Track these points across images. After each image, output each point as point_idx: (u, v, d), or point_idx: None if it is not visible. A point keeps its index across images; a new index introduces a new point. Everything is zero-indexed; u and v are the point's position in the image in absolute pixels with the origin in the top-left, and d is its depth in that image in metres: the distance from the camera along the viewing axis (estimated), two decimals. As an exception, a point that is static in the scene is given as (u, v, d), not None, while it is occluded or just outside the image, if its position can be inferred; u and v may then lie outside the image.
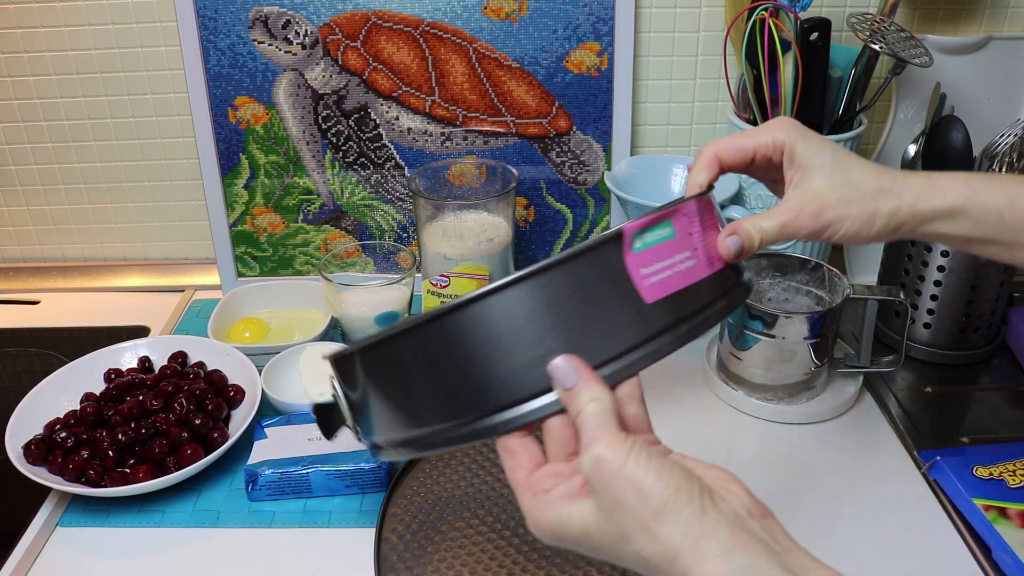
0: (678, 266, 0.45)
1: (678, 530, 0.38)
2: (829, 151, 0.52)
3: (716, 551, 0.37)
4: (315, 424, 0.75)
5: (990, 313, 0.87)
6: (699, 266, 0.46)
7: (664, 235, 0.45)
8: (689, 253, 0.46)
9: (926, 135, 0.87)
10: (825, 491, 0.72)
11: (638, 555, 0.39)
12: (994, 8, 0.97)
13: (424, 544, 0.66)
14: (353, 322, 0.88)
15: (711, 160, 0.54)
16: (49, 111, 1.00)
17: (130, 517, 0.70)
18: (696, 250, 0.46)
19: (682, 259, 0.45)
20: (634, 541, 0.39)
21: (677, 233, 0.46)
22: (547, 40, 0.93)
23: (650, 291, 0.44)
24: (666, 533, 0.38)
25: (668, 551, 0.38)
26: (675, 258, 0.45)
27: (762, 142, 0.53)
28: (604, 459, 0.39)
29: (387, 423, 0.46)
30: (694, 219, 0.47)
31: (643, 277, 0.43)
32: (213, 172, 0.98)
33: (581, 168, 0.99)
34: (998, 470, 0.71)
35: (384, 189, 1.00)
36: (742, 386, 0.82)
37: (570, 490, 0.41)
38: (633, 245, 0.43)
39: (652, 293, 0.44)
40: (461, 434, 0.43)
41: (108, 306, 1.02)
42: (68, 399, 0.79)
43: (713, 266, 0.47)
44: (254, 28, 0.93)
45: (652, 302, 0.43)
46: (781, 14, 0.86)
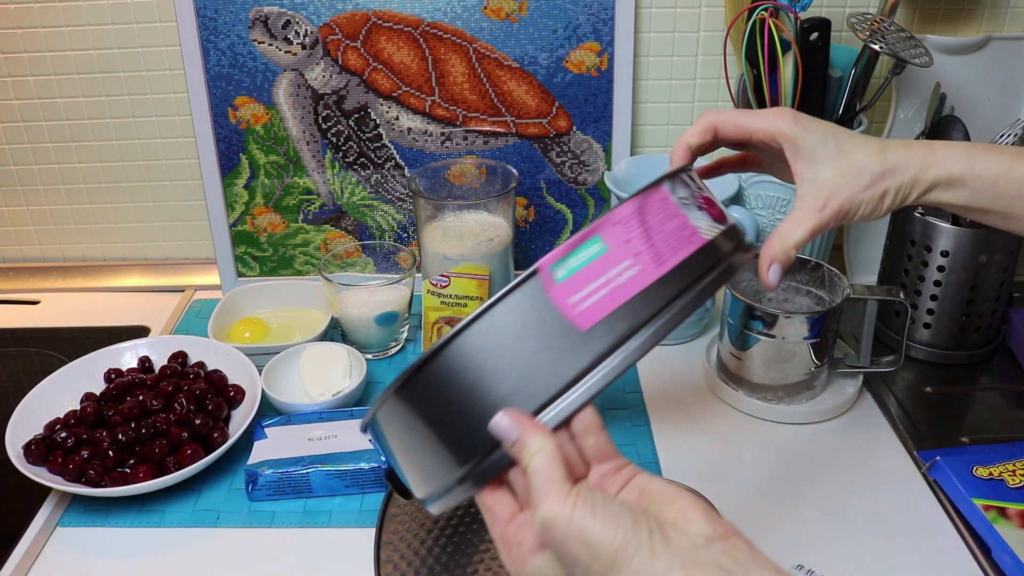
0: (617, 279, 0.43)
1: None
2: (831, 139, 0.53)
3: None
4: (315, 424, 0.75)
5: (990, 313, 0.87)
6: (646, 270, 0.43)
7: (593, 253, 0.43)
8: (631, 261, 0.43)
9: (926, 135, 0.87)
10: (825, 491, 0.72)
11: None
12: (994, 8, 0.97)
13: (424, 544, 0.66)
14: (353, 322, 0.88)
15: (707, 127, 0.55)
16: (49, 111, 1.00)
17: (130, 517, 0.70)
18: (639, 254, 0.44)
19: (621, 270, 0.43)
20: None
21: (610, 246, 0.43)
22: (547, 40, 0.93)
23: (584, 317, 0.42)
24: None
25: None
26: (611, 272, 0.43)
27: (761, 127, 0.54)
28: (549, 520, 0.39)
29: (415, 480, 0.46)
30: (631, 223, 0.44)
31: (573, 306, 0.42)
32: (213, 172, 0.98)
33: (581, 168, 0.99)
34: (998, 470, 0.71)
35: (384, 189, 1.00)
36: (742, 386, 0.82)
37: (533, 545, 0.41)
38: (555, 276, 0.42)
39: (587, 319, 0.42)
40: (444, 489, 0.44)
41: (108, 306, 1.02)
42: (68, 399, 0.79)
43: (667, 262, 0.44)
44: (254, 28, 0.93)
45: (588, 328, 0.42)
46: (781, 14, 0.86)
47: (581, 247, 0.43)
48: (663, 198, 0.46)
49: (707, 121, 0.55)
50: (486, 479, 0.43)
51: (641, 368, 0.87)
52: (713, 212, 0.49)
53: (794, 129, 0.53)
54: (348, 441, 0.73)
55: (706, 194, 0.50)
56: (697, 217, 0.47)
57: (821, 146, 0.53)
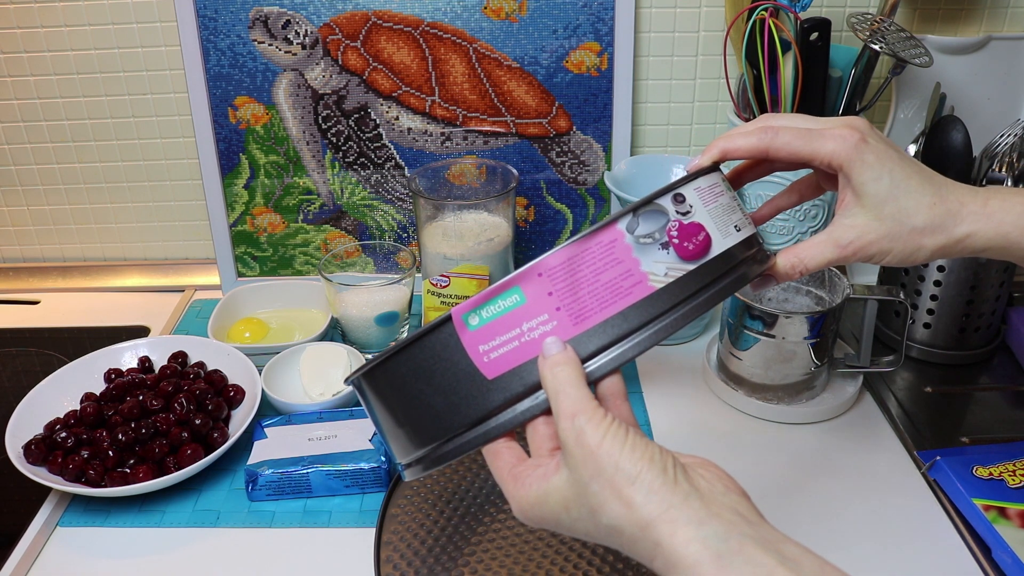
0: (530, 334, 0.43)
1: (652, 498, 0.39)
2: (886, 178, 0.49)
3: (688, 519, 0.38)
4: (315, 424, 0.75)
5: (990, 313, 0.87)
6: (562, 327, 0.43)
7: (509, 305, 0.43)
8: (547, 316, 0.43)
9: (926, 135, 0.87)
10: (825, 491, 0.72)
11: (611, 526, 0.40)
12: (994, 8, 0.97)
13: (424, 544, 0.66)
14: (353, 322, 0.88)
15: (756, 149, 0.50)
16: (49, 111, 1.00)
17: (130, 517, 0.70)
18: (559, 309, 0.43)
19: (535, 325, 0.43)
20: (608, 511, 0.40)
21: (528, 298, 0.43)
22: (547, 40, 0.93)
23: (491, 367, 0.44)
24: (640, 501, 0.39)
25: (641, 519, 0.39)
26: (525, 326, 0.43)
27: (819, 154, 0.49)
28: (585, 431, 0.41)
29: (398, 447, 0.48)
30: (557, 274, 0.43)
31: (483, 354, 0.44)
32: (213, 172, 0.98)
33: (581, 168, 0.99)
34: (998, 470, 0.70)
35: (384, 189, 1.00)
36: (742, 386, 0.82)
37: (547, 470, 0.43)
38: (468, 324, 0.44)
39: (494, 369, 0.44)
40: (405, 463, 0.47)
41: (108, 306, 1.02)
42: (68, 399, 0.79)
43: (588, 320, 0.43)
44: (254, 28, 0.93)
45: (493, 378, 0.44)
46: (781, 14, 0.86)
47: (498, 297, 0.44)
48: (611, 241, 0.44)
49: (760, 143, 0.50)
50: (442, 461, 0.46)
51: (641, 367, 0.87)
52: (690, 246, 0.45)
53: (854, 160, 0.49)
54: (348, 441, 0.73)
55: (695, 220, 0.46)
56: (654, 259, 0.44)
57: (874, 184, 0.49)
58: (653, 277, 0.44)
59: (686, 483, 0.40)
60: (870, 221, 0.49)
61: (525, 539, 0.65)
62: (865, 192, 0.49)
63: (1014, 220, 0.49)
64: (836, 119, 0.51)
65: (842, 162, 0.49)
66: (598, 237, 0.44)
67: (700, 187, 0.47)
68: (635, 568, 0.62)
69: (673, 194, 0.46)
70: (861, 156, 0.49)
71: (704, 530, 0.38)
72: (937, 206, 0.49)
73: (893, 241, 0.49)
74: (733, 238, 0.47)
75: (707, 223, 0.46)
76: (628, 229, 0.44)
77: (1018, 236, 0.49)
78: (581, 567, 0.63)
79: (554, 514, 0.42)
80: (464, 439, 0.45)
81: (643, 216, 0.45)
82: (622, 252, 0.44)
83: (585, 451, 0.40)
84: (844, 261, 0.51)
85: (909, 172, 0.49)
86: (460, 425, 0.45)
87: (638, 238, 0.44)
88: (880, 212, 0.49)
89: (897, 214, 0.49)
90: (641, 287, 0.44)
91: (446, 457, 0.46)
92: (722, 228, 0.47)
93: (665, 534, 0.38)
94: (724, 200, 0.48)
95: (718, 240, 0.46)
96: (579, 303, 0.43)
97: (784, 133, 0.50)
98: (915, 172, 0.50)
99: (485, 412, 0.44)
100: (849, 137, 0.49)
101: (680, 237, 0.45)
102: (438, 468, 0.46)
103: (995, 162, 0.84)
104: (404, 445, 0.47)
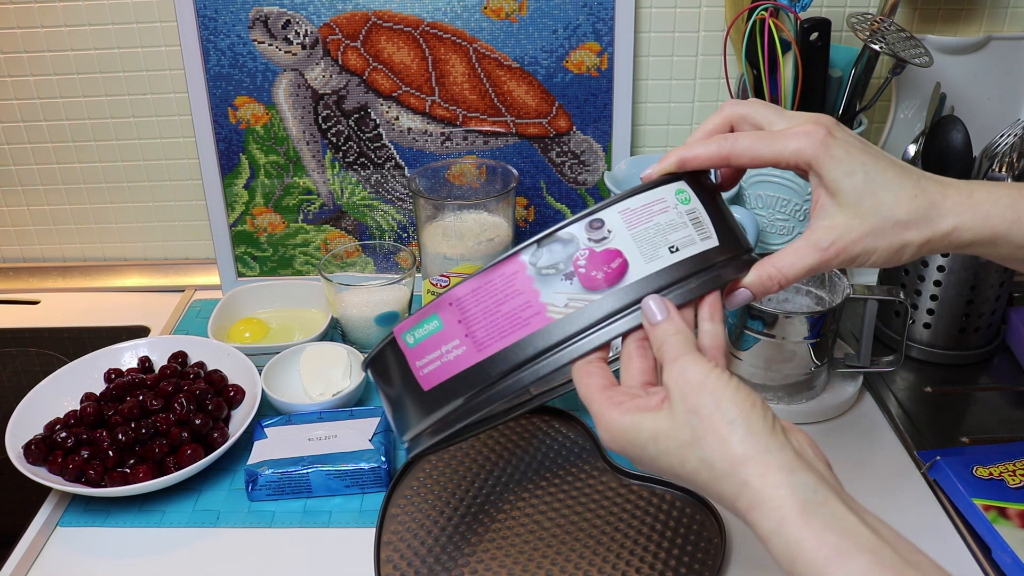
0: (447, 355, 0.47)
1: (749, 440, 0.40)
2: (860, 172, 0.46)
3: (781, 465, 0.39)
4: (315, 424, 0.75)
5: (990, 313, 0.87)
6: (469, 353, 0.46)
7: (432, 328, 0.48)
8: (458, 341, 0.46)
9: (926, 135, 0.87)
10: (825, 491, 0.72)
11: (703, 460, 0.41)
12: (994, 8, 0.97)
13: (424, 544, 0.66)
14: (353, 322, 0.88)
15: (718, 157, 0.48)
16: (49, 111, 1.00)
17: (130, 517, 0.70)
18: (466, 336, 0.46)
19: (451, 348, 0.47)
20: (703, 446, 0.41)
21: (444, 324, 0.47)
22: (547, 40, 0.93)
23: (426, 380, 0.48)
24: (736, 439, 0.40)
25: (735, 456, 0.40)
26: (444, 348, 0.47)
27: (783, 155, 0.47)
28: (688, 369, 0.42)
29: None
30: (465, 303, 0.46)
31: (419, 368, 0.48)
32: (213, 172, 0.98)
33: (581, 168, 0.99)
34: (998, 470, 0.71)
35: (384, 189, 1.00)
36: (742, 386, 0.81)
37: (647, 403, 0.43)
38: (407, 342, 0.49)
39: (428, 382, 0.48)
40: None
41: (108, 306, 1.02)
42: (68, 399, 0.79)
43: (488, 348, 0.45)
44: (254, 28, 0.93)
45: (428, 389, 0.48)
46: (781, 14, 0.86)
47: (423, 321, 0.48)
48: (513, 272, 0.45)
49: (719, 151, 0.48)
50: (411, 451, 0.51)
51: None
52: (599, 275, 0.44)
53: (821, 157, 0.46)
54: (348, 441, 0.73)
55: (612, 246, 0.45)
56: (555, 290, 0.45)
57: (848, 179, 0.46)
58: (552, 308, 0.45)
59: (783, 435, 0.41)
60: (850, 219, 0.46)
61: (525, 539, 0.65)
62: (840, 188, 0.46)
63: (1001, 211, 0.47)
64: (801, 114, 0.48)
65: (809, 160, 0.46)
66: (501, 269, 0.46)
67: (629, 208, 0.46)
68: (636, 567, 0.63)
69: (589, 220, 0.45)
70: (828, 151, 0.46)
71: (795, 478, 0.39)
72: (919, 197, 0.46)
73: (877, 238, 0.46)
74: (662, 261, 0.45)
75: (628, 248, 0.45)
76: (531, 260, 0.45)
77: (1006, 228, 0.47)
78: (582, 567, 0.63)
79: (642, 442, 0.43)
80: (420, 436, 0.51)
81: (547, 246, 0.45)
82: (523, 283, 0.45)
83: (688, 387, 0.41)
84: (826, 266, 0.48)
85: (883, 165, 0.47)
86: (415, 423, 0.50)
87: (540, 269, 0.45)
88: (859, 208, 0.46)
89: (878, 208, 0.46)
90: (539, 318, 0.45)
91: (412, 448, 0.51)
92: (649, 252, 0.45)
93: (756, 474, 0.39)
94: (664, 218, 0.46)
95: (638, 266, 0.45)
96: (482, 331, 0.46)
97: (743, 138, 0.48)
98: (890, 164, 0.47)
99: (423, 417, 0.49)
100: (814, 133, 0.46)
101: (588, 266, 0.45)
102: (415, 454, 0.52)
103: (995, 162, 0.84)
104: (398, 427, 0.52)
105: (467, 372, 0.46)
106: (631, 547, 0.64)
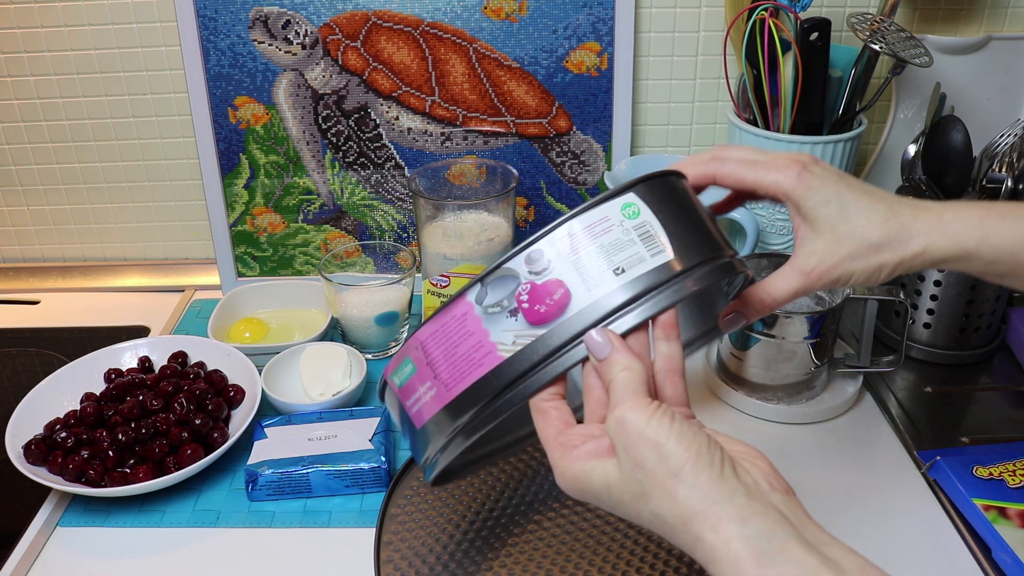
0: (424, 397, 0.47)
1: (695, 493, 0.39)
2: (834, 201, 0.50)
3: (732, 516, 0.38)
4: (315, 424, 0.75)
5: (990, 313, 0.87)
6: (440, 395, 0.46)
7: (408, 372, 0.48)
8: (429, 383, 0.46)
9: (926, 135, 0.87)
10: (825, 491, 0.72)
11: (655, 514, 0.40)
12: (994, 8, 0.97)
13: (424, 544, 0.66)
14: (353, 322, 0.88)
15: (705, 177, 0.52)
16: (49, 111, 1.00)
17: (130, 517, 0.70)
18: (434, 379, 0.46)
19: (425, 391, 0.47)
20: (652, 500, 0.40)
21: (417, 368, 0.47)
22: (547, 40, 0.93)
23: (416, 418, 0.48)
24: (683, 495, 0.39)
25: (684, 512, 0.39)
26: (420, 390, 0.47)
27: (763, 183, 0.51)
28: (627, 420, 0.41)
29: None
30: (428, 346, 0.46)
31: (409, 407, 0.49)
32: (213, 172, 0.98)
33: (581, 168, 0.99)
34: (998, 470, 0.71)
35: (384, 189, 1.00)
36: (742, 386, 0.82)
37: (598, 448, 0.43)
38: (395, 383, 0.49)
39: (418, 420, 0.48)
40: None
41: (108, 306, 1.02)
42: (68, 399, 0.79)
43: (453, 389, 0.45)
44: (254, 28, 0.93)
45: (419, 427, 0.48)
46: (781, 14, 0.86)
47: (401, 365, 0.48)
48: (463, 314, 0.44)
49: (707, 170, 0.52)
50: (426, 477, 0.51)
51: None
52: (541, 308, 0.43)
53: (798, 188, 0.50)
54: (348, 441, 0.73)
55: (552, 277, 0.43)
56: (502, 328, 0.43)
57: (823, 208, 0.50)
58: (501, 347, 0.44)
59: (733, 478, 0.39)
60: (828, 245, 0.50)
61: (525, 539, 0.65)
62: (816, 217, 0.50)
63: (969, 229, 0.50)
64: (782, 152, 0.52)
65: (787, 191, 0.50)
66: (452, 310, 0.45)
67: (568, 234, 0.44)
68: (636, 567, 0.63)
69: (527, 253, 0.44)
70: (805, 183, 0.50)
71: (747, 528, 0.38)
72: (890, 221, 0.50)
73: (855, 261, 0.50)
74: (607, 286, 0.43)
75: (569, 277, 0.43)
76: (477, 300, 0.44)
77: (975, 245, 0.49)
78: (582, 567, 0.63)
79: (595, 492, 0.42)
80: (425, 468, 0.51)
81: (491, 284, 0.44)
82: (473, 324, 0.44)
83: (628, 439, 0.40)
84: (810, 289, 0.51)
85: (857, 193, 0.50)
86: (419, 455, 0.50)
87: (486, 308, 0.44)
88: (835, 234, 0.50)
89: (853, 232, 0.50)
90: (491, 358, 0.44)
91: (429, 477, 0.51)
92: (592, 278, 0.43)
93: (708, 528, 0.38)
94: (607, 239, 0.44)
95: (581, 294, 0.43)
96: (446, 372, 0.46)
97: (730, 163, 0.52)
98: (863, 192, 0.51)
99: (421, 452, 0.50)
100: (791, 166, 0.50)
101: (531, 300, 0.43)
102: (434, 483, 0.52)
103: (995, 162, 0.84)
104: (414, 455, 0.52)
105: (441, 413, 0.46)
106: (631, 547, 0.64)
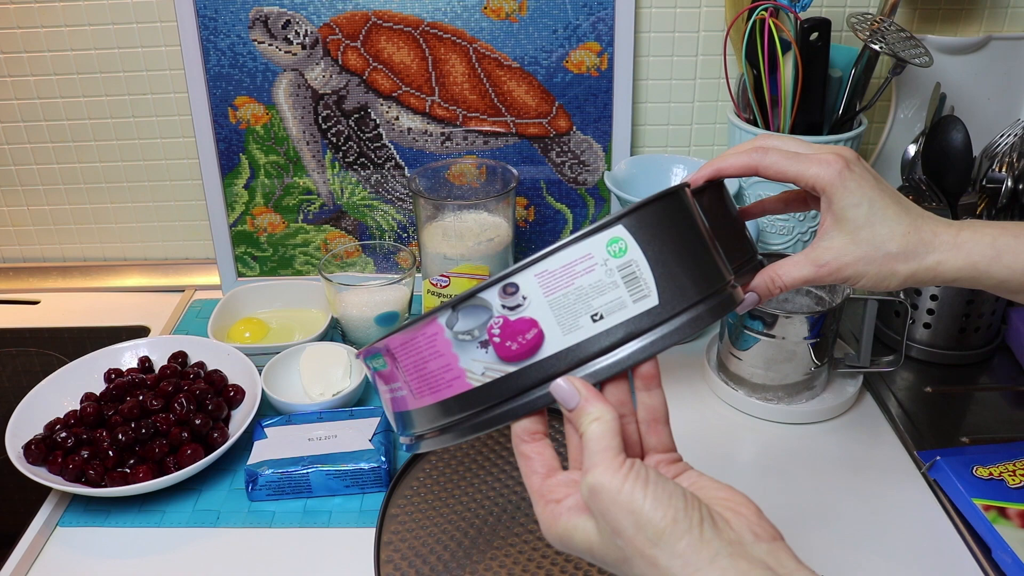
0: (396, 392, 0.47)
1: (676, 561, 0.38)
2: (865, 205, 0.51)
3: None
4: (315, 424, 0.75)
5: (990, 313, 0.87)
6: (408, 397, 0.46)
7: (379, 365, 0.47)
8: (399, 384, 0.46)
9: (926, 135, 0.87)
10: (825, 491, 0.72)
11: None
12: (994, 8, 0.97)
13: (424, 544, 0.66)
14: (353, 322, 0.88)
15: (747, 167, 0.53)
16: (49, 111, 1.00)
17: (130, 517, 0.70)
18: (403, 383, 0.46)
19: (396, 388, 0.47)
20: (635, 567, 0.39)
21: (388, 366, 0.47)
22: (547, 40, 0.93)
23: (393, 404, 0.48)
24: (664, 563, 0.38)
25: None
26: (392, 385, 0.47)
27: (804, 176, 0.52)
28: (599, 488, 0.39)
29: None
30: (393, 356, 0.45)
31: (386, 392, 0.48)
32: (213, 172, 0.98)
33: (581, 168, 0.99)
34: (998, 470, 0.71)
35: (384, 189, 1.00)
36: (742, 386, 0.82)
37: (579, 503, 0.42)
38: (373, 366, 0.48)
39: (393, 405, 0.48)
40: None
41: (108, 306, 1.02)
42: (68, 399, 0.79)
43: (423, 399, 0.45)
44: (254, 28, 0.93)
45: (395, 411, 0.48)
46: (781, 14, 0.86)
47: (374, 356, 0.47)
48: (433, 334, 0.43)
49: (750, 161, 0.53)
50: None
51: (641, 368, 0.87)
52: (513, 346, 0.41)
53: (836, 186, 0.51)
54: (348, 441, 0.73)
55: (526, 315, 0.41)
56: (472, 357, 0.42)
57: (854, 209, 0.51)
58: (470, 375, 0.43)
59: (714, 539, 0.38)
60: (846, 244, 0.52)
61: (525, 539, 0.65)
62: (845, 217, 0.51)
63: (982, 250, 0.51)
64: (827, 146, 0.53)
65: (825, 186, 0.51)
66: (423, 329, 0.43)
67: (547, 270, 0.41)
68: None
69: (503, 285, 0.41)
70: (844, 183, 0.51)
71: None
72: (911, 235, 0.51)
73: (868, 265, 0.52)
74: (582, 332, 0.41)
75: (543, 317, 0.41)
76: (448, 324, 0.42)
77: (986, 265, 0.51)
78: (582, 567, 0.63)
79: (578, 550, 0.42)
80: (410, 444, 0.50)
81: (463, 311, 0.42)
82: (443, 346, 0.43)
83: (603, 505, 0.39)
84: (820, 281, 0.53)
85: (888, 202, 0.52)
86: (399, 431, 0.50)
87: (456, 334, 0.42)
88: (856, 236, 0.51)
89: (872, 239, 0.51)
90: (459, 382, 0.43)
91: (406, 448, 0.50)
92: (567, 321, 0.41)
93: None
94: (587, 280, 0.41)
95: (555, 338, 0.41)
96: (415, 382, 0.46)
97: (773, 153, 0.53)
98: (893, 202, 0.52)
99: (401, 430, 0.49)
100: (834, 163, 0.51)
101: (503, 336, 0.42)
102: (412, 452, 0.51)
103: (995, 162, 0.84)
104: None
105: (409, 413, 0.47)
106: (631, 547, 0.64)
